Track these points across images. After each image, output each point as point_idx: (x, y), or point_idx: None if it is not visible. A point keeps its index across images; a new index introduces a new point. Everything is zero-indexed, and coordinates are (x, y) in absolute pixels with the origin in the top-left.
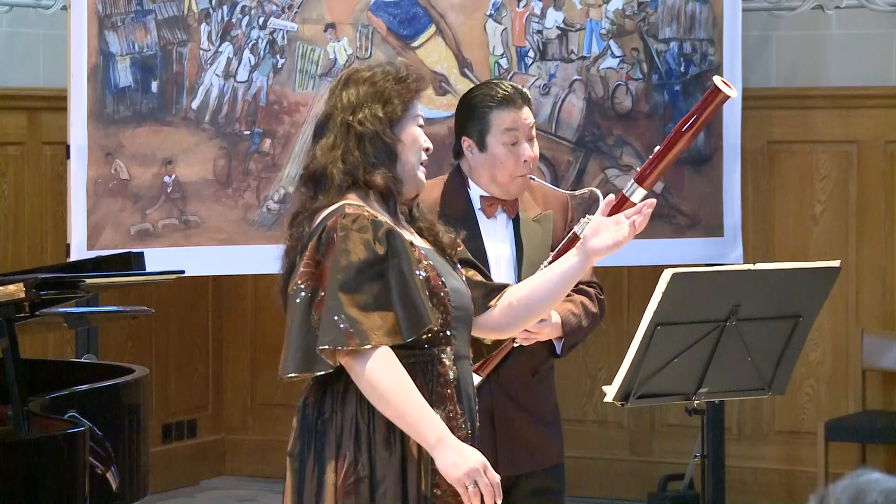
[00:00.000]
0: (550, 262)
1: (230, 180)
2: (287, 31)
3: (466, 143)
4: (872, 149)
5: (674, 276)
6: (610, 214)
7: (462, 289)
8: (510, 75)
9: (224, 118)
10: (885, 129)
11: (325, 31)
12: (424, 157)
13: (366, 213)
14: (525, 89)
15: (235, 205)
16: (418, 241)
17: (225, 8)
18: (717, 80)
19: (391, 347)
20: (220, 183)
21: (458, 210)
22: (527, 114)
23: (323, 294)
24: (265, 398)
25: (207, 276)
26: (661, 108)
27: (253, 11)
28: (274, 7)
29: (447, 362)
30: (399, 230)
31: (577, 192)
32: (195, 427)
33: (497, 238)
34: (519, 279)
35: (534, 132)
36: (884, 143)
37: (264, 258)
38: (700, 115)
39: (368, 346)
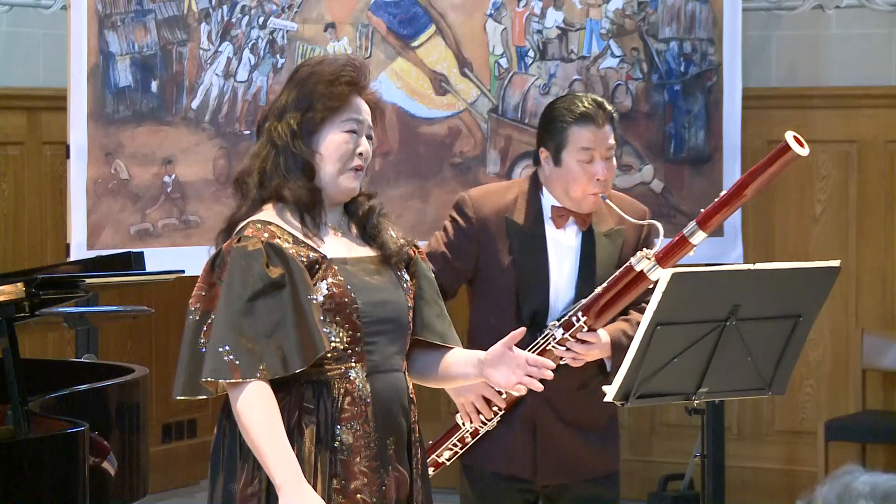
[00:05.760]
0: (606, 287)
1: (230, 180)
2: (287, 31)
3: (543, 154)
4: (872, 149)
5: (674, 275)
6: (668, 251)
7: (389, 300)
8: (510, 75)
9: (224, 118)
10: (885, 129)
11: (325, 30)
12: (357, 162)
13: (264, 236)
14: (609, 106)
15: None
16: (343, 251)
17: (225, 8)
18: (789, 136)
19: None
20: (219, 183)
21: (527, 218)
22: (607, 132)
23: (212, 318)
24: None
25: None
26: (661, 107)
27: (253, 11)
28: (274, 7)
29: (355, 378)
30: (295, 253)
31: (638, 222)
32: (195, 427)
33: (562, 250)
34: (577, 295)
35: (612, 152)
36: (884, 143)
37: None
38: (766, 168)
39: (250, 380)
